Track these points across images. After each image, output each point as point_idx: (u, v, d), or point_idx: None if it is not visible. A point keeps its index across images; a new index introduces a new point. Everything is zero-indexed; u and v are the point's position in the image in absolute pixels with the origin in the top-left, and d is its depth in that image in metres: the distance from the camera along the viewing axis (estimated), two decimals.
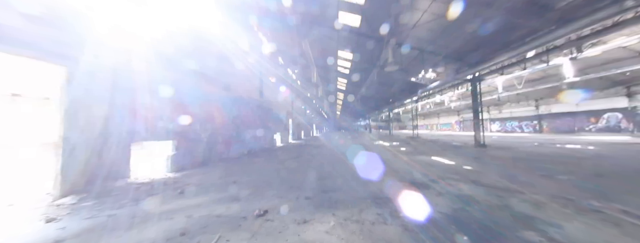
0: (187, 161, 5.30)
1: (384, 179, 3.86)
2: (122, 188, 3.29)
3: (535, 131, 20.96)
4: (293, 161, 6.10)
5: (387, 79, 16.26)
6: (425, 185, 3.44)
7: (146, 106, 4.31)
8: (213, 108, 6.59)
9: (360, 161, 5.98)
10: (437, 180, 3.69)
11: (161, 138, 4.62)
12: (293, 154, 8.04)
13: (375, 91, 20.89)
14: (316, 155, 7.51)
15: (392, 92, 20.00)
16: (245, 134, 8.71)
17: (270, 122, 11.90)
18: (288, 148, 10.43)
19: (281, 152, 8.78)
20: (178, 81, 5.25)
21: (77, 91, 3.20)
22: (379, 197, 2.92)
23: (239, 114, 8.28)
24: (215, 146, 6.53)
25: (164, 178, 4.13)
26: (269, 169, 4.99)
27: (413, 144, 10.78)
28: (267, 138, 11.22)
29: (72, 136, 3.09)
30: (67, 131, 3.05)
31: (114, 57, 3.79)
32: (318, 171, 4.57)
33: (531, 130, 21.41)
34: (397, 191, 3.13)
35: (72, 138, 3.09)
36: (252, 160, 6.74)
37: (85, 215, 2.41)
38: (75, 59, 3.21)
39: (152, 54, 4.58)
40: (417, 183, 3.56)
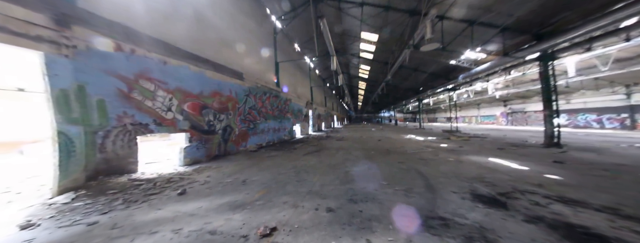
0: (200, 154, 4.99)
1: (431, 186, 2.84)
2: (121, 185, 2.96)
3: (624, 127, 15.11)
4: (313, 157, 5.36)
5: (419, 63, 14.02)
6: (497, 201, 2.31)
7: (152, 95, 3.94)
8: (227, 97, 6.15)
9: (392, 159, 4.92)
10: (514, 194, 2.50)
11: (171, 129, 4.28)
12: (313, 147, 7.34)
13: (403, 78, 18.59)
14: (339, 150, 6.65)
15: (422, 79, 17.51)
16: (263, 126, 8.28)
17: (289, 113, 11.36)
18: (308, 141, 9.79)
19: (300, 145, 8.17)
20: (187, 68, 4.80)
21: (64, 78, 2.84)
22: (431, 216, 1.96)
23: (255, 105, 7.80)
24: (230, 138, 6.17)
25: (171, 173, 3.78)
26: (286, 166, 4.33)
27: (455, 140, 9.07)
28: (285, 129, 10.75)
29: (66, 128, 2.78)
30: (59, 123, 2.74)
31: (109, 41, 3.38)
32: (343, 171, 3.73)
33: (617, 125, 15.60)
34: (456, 209, 2.12)
35: (66, 131, 2.78)
36: (269, 153, 6.23)
37: (65, 221, 2.02)
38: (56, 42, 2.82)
39: (154, 36, 4.12)
40: (483, 197, 2.45)
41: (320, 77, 24.37)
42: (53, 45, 2.79)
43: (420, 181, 3.05)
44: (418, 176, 3.35)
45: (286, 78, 12.27)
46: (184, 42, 5.02)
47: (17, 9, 2.53)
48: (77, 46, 3.04)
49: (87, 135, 3.00)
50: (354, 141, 9.13)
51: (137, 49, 3.83)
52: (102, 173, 3.16)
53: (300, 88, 15.15)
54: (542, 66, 6.75)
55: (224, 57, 6.51)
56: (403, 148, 6.78)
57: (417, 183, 2.96)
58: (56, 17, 2.84)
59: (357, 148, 6.89)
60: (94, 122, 3.10)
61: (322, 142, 9.03)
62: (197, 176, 3.63)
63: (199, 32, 5.64)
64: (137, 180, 3.24)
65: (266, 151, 6.60)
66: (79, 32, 3.07)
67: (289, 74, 12.95)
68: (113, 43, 3.46)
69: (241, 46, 7.67)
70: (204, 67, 5.40)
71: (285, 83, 12.03)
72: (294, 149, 6.88)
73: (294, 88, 13.61)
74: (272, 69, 10.40)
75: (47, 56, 2.73)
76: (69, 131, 2.81)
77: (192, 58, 5.03)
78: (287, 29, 12.34)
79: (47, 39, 2.75)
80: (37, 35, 2.68)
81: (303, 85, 16.26)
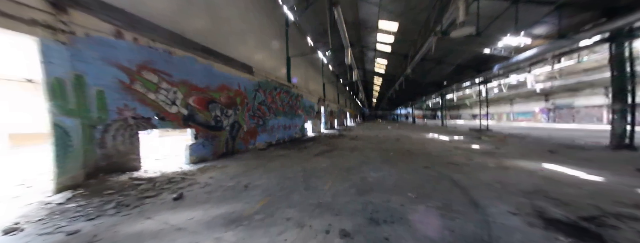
0: (207, 151, 4.78)
1: (475, 203, 2.26)
2: (120, 185, 2.76)
3: None
4: (325, 158, 4.92)
5: (444, 54, 12.84)
6: (585, 231, 1.69)
7: (156, 87, 3.74)
8: (236, 92, 5.90)
9: (416, 162, 4.31)
10: (606, 220, 1.84)
11: (175, 125, 4.08)
12: (325, 147, 6.89)
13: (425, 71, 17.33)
14: (353, 150, 6.14)
15: (447, 72, 16.16)
16: (273, 123, 8.00)
17: (300, 109, 11.01)
18: (320, 139, 9.37)
19: (312, 144, 7.77)
20: (194, 60, 4.57)
21: (59, 67, 2.66)
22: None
23: (265, 100, 7.52)
24: (238, 135, 5.93)
25: (174, 172, 3.57)
26: (295, 167, 3.94)
27: (488, 141, 8.10)
28: (296, 126, 10.42)
29: (61, 121, 2.61)
30: (54, 115, 2.57)
31: (110, 27, 3.18)
32: (359, 177, 3.24)
33: None
34: (525, 242, 1.53)
35: (62, 123, 2.61)
36: (278, 152, 5.91)
37: (49, 227, 1.80)
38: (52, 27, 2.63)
39: (160, 24, 3.91)
40: (559, 223, 1.83)
41: (334, 73, 23.72)
42: (48, 30, 2.62)
43: (458, 195, 2.47)
44: (453, 186, 2.77)
45: (298, 73, 11.90)
46: (191, 33, 4.79)
47: None
48: (75, 32, 2.86)
49: (85, 129, 2.83)
50: (369, 141, 8.54)
51: (141, 37, 3.62)
52: (103, 170, 3.00)
53: (312, 84, 14.74)
54: (615, 49, 5.58)
55: (233, 50, 6.25)
56: (426, 149, 6.09)
57: (455, 197, 2.39)
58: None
59: (373, 148, 6.33)
60: (93, 115, 2.93)
61: (335, 141, 8.55)
62: (200, 176, 3.37)
63: (208, 23, 5.40)
64: (138, 179, 3.04)
65: (275, 150, 6.29)
66: (77, 17, 2.89)
67: (301, 70, 12.56)
68: (114, 30, 3.26)
69: (251, 39, 7.39)
70: (213, 60, 5.16)
71: (297, 79, 11.67)
72: (304, 149, 6.49)
73: (305, 84, 13.23)
74: (283, 63, 10.07)
75: (43, 42, 2.55)
76: (64, 123, 2.65)
77: (199, 50, 4.80)
78: (299, 20, 11.90)
79: (42, 23, 2.57)
80: (31, 18, 2.50)
81: (315, 81, 15.83)
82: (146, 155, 5.31)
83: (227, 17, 6.16)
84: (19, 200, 2.39)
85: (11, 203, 2.33)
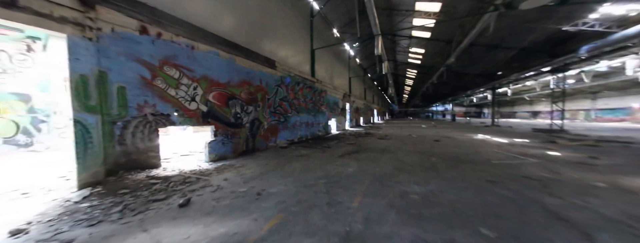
0: (226, 149, 4.74)
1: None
2: (136, 184, 2.76)
3: None
4: (351, 160, 4.39)
5: (504, 35, 10.64)
6: None
7: (176, 83, 3.73)
8: (257, 87, 5.75)
9: (472, 173, 3.44)
10: None
11: (194, 122, 4.07)
12: (351, 147, 6.34)
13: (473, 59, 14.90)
14: (384, 152, 5.44)
15: (506, 58, 13.51)
16: (294, 120, 7.76)
17: (324, 106, 10.58)
18: (344, 138, 8.82)
19: (336, 143, 7.29)
20: (217, 55, 4.50)
21: (85, 63, 2.71)
22: None
23: (287, 96, 7.29)
24: (258, 132, 5.82)
25: (192, 171, 3.53)
26: (316, 171, 3.54)
27: (571, 147, 6.39)
28: (320, 124, 10.05)
29: (82, 117, 2.69)
30: (76, 112, 2.64)
31: (135, 22, 3.19)
32: (398, 192, 2.64)
33: None
34: None
35: (83, 120, 2.69)
36: (299, 151, 5.61)
37: (50, 232, 1.76)
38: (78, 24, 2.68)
39: (183, 18, 3.86)
40: None
41: (361, 66, 22.52)
42: (77, 27, 2.67)
43: (572, 241, 1.66)
44: (553, 220, 1.93)
45: (322, 67, 11.42)
46: (214, 26, 4.72)
47: None
48: (102, 28, 2.90)
49: (105, 125, 2.89)
50: (402, 141, 7.63)
51: (164, 32, 3.60)
52: (123, 167, 3.08)
53: (337, 79, 14.10)
54: None
55: (255, 43, 6.09)
56: (479, 154, 5.02)
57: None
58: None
59: (408, 151, 5.51)
60: (113, 111, 2.98)
61: (362, 140, 7.90)
62: (215, 177, 3.24)
63: (231, 15, 5.28)
64: (155, 177, 3.04)
65: (297, 149, 6.02)
66: (104, 13, 2.92)
67: (326, 63, 12.03)
68: (139, 25, 3.27)
69: (274, 31, 7.14)
70: (235, 54, 5.04)
71: (322, 73, 11.21)
72: (327, 148, 6.06)
73: (330, 79, 12.68)
74: (308, 57, 9.68)
75: (71, 39, 2.62)
76: (85, 120, 2.72)
77: (222, 43, 4.70)
78: (325, 10, 11.27)
79: (71, 21, 2.63)
80: (61, 16, 2.56)
81: (341, 75, 15.13)
82: (175, 150, 5.61)
83: (249, 8, 5.99)
84: (50, 194, 2.54)
85: (44, 196, 2.48)
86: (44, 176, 3.19)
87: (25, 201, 2.36)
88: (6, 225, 1.85)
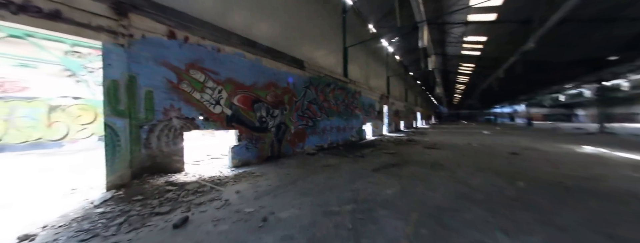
0: (251, 155, 4.57)
1: None
2: (152, 190, 2.71)
3: None
4: (390, 178, 3.54)
5: (619, 4, 7.59)
6: None
7: (201, 86, 3.73)
8: (284, 90, 5.52)
9: (619, 223, 2.15)
10: None
11: (219, 126, 4.01)
12: (389, 157, 5.38)
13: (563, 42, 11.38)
14: (435, 167, 4.32)
15: (623, 37, 9.79)
16: (324, 124, 7.25)
17: (358, 108, 9.77)
18: (381, 145, 7.79)
19: (371, 151, 6.41)
20: (242, 56, 4.44)
21: (116, 69, 2.84)
22: None
23: (316, 98, 6.86)
24: (285, 137, 5.52)
25: (211, 178, 3.39)
26: (343, 192, 2.88)
27: None
28: (353, 129, 9.27)
29: (112, 121, 2.80)
30: (107, 116, 2.76)
31: (164, 28, 3.30)
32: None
33: None
34: None
35: (112, 124, 2.80)
36: (327, 160, 5.03)
37: (50, 242, 1.67)
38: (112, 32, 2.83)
39: (209, 21, 3.91)
40: None
41: (401, 64, 20.61)
42: (111, 34, 2.85)
43: None
44: None
45: (356, 66, 10.66)
46: (240, 27, 4.70)
47: (80, 0, 2.64)
48: (134, 34, 3.05)
49: (132, 129, 2.97)
50: (459, 152, 6.14)
51: (191, 36, 3.66)
52: (147, 170, 3.12)
53: (373, 79, 13.04)
54: None
55: (283, 43, 5.92)
56: (604, 180, 3.33)
57: None
58: (115, 5, 2.87)
59: (473, 168, 4.17)
60: (141, 115, 3.06)
61: (403, 149, 6.76)
62: (229, 188, 2.97)
63: (257, 15, 5.22)
64: (172, 184, 2.96)
65: (325, 157, 5.46)
66: (136, 20, 3.08)
67: (360, 61, 11.22)
68: (168, 30, 3.38)
69: (304, 30, 6.89)
70: (261, 55, 4.92)
71: (355, 72, 10.45)
72: (360, 158, 5.28)
73: (365, 79, 11.77)
74: (340, 56, 9.13)
75: (105, 46, 2.79)
76: (114, 123, 2.82)
77: (248, 44, 4.63)
78: (358, 4, 10.56)
79: (106, 29, 2.81)
80: (98, 25, 2.76)
81: (378, 75, 13.98)
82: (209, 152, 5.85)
83: (278, 9, 5.87)
84: (88, 193, 2.69)
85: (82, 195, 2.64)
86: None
87: (66, 199, 2.53)
88: (30, 226, 1.89)
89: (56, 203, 2.45)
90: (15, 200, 2.55)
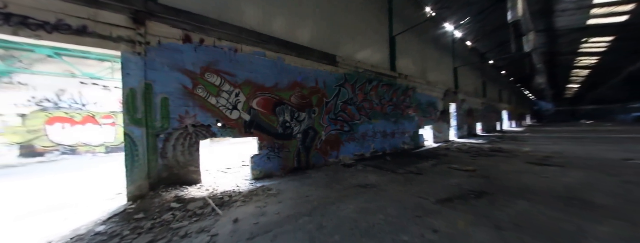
0: (273, 165, 4.13)
1: None
2: (156, 208, 2.58)
3: None
4: (472, 220, 2.24)
5: None
6: None
7: (217, 90, 3.57)
8: (311, 90, 4.90)
9: None
10: None
11: (236, 133, 3.75)
12: (463, 176, 3.82)
13: None
14: (575, 206, 2.57)
15: None
16: (364, 128, 6.14)
17: (411, 108, 8.07)
18: (449, 156, 5.95)
19: (432, 165, 4.87)
20: (262, 55, 4.14)
21: (133, 77, 2.91)
22: None
23: (354, 98, 5.89)
24: (313, 145, 4.84)
25: (222, 193, 3.09)
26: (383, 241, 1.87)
27: None
28: (404, 133, 7.65)
29: (130, 130, 2.86)
30: (126, 125, 2.84)
31: (179, 32, 3.31)
32: None
33: None
34: None
35: (130, 133, 2.85)
36: (366, 176, 4.00)
37: None
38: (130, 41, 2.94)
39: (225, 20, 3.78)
40: None
41: (475, 50, 16.54)
42: (129, 44, 2.98)
43: None
44: None
45: (409, 58, 8.93)
46: (260, 24, 4.44)
47: (102, 13, 2.84)
48: (150, 42, 3.13)
49: (149, 138, 2.99)
50: (615, 175, 3.69)
51: (207, 37, 3.59)
52: (164, 182, 3.09)
53: (433, 71, 10.72)
54: None
55: (310, 37, 5.34)
56: None
57: None
58: (132, 15, 3.01)
59: None
60: (157, 123, 3.07)
61: (487, 163, 4.82)
62: (230, 213, 2.52)
63: (279, 9, 4.86)
64: (180, 199, 2.77)
65: (364, 171, 4.43)
66: (153, 27, 3.16)
67: (414, 52, 9.37)
68: (183, 34, 3.37)
69: (336, 18, 6.12)
70: (284, 52, 4.50)
71: (407, 65, 8.75)
72: (415, 175, 3.96)
73: (422, 71, 9.76)
74: (384, 46, 7.79)
75: (124, 56, 2.92)
76: (132, 132, 2.88)
77: (268, 42, 4.30)
78: None
79: (125, 39, 2.96)
80: (118, 35, 2.92)
81: (440, 66, 11.45)
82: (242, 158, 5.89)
83: None
84: (111, 203, 2.82)
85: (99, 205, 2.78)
86: None
87: (102, 205, 2.70)
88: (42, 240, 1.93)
89: (89, 209, 2.61)
90: (68, 201, 2.92)
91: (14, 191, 3.55)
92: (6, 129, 6.71)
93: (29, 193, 3.40)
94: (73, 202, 2.92)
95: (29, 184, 3.97)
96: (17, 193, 3.42)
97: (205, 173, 4.26)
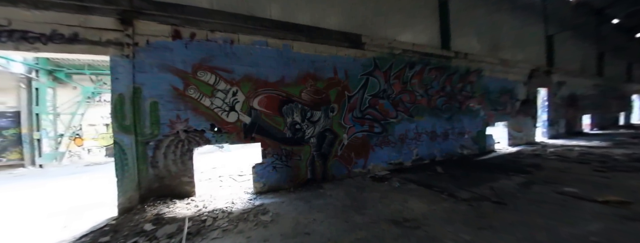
0: (280, 177, 3.56)
1: None
2: (131, 227, 2.33)
3: None
4: None
5: None
6: None
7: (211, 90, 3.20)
8: (328, 82, 4.05)
9: None
10: None
11: (234, 138, 3.31)
12: (589, 208, 2.36)
13: None
14: None
15: None
16: (403, 128, 4.86)
17: (473, 98, 6.15)
18: (543, 170, 4.18)
19: (519, 185, 3.39)
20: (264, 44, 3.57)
21: (122, 82, 2.77)
22: None
23: (388, 90, 4.69)
24: (333, 151, 4.01)
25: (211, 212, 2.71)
26: None
27: None
28: (463, 134, 5.87)
29: (119, 138, 2.75)
30: (115, 133, 2.73)
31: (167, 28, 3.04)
32: None
33: None
34: None
35: (119, 141, 2.74)
36: (405, 199, 3.01)
37: None
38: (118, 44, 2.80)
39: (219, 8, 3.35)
40: None
41: (585, 5, 11.70)
42: (118, 47, 2.86)
43: None
44: None
45: (470, 30, 6.82)
46: (259, 7, 3.83)
47: (92, 18, 2.76)
48: (139, 42, 2.95)
49: (138, 146, 2.83)
50: None
51: (198, 31, 3.24)
52: (155, 193, 2.93)
53: (509, 45, 8.00)
54: None
55: (324, 14, 4.43)
56: None
57: None
58: (120, 16, 2.86)
59: None
60: (146, 130, 2.90)
61: (632, 184, 2.91)
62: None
63: None
64: (159, 219, 2.50)
65: (402, 191, 3.38)
66: (141, 26, 2.98)
67: (479, 18, 7.10)
68: (172, 30, 3.09)
69: None
70: (291, 37, 3.79)
71: (468, 40, 6.69)
72: (498, 209, 2.70)
73: (491, 47, 7.39)
74: (431, 18, 6.05)
75: (112, 60, 2.82)
76: (122, 140, 2.77)
77: (270, 27, 3.67)
78: None
79: (113, 42, 2.85)
80: (107, 39, 2.82)
81: (521, 35, 8.48)
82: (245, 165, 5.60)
83: None
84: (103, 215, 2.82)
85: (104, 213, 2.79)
86: None
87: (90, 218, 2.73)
88: None
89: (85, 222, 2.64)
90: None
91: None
92: (99, 136, 8.54)
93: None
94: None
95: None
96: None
97: (208, 181, 4.09)
